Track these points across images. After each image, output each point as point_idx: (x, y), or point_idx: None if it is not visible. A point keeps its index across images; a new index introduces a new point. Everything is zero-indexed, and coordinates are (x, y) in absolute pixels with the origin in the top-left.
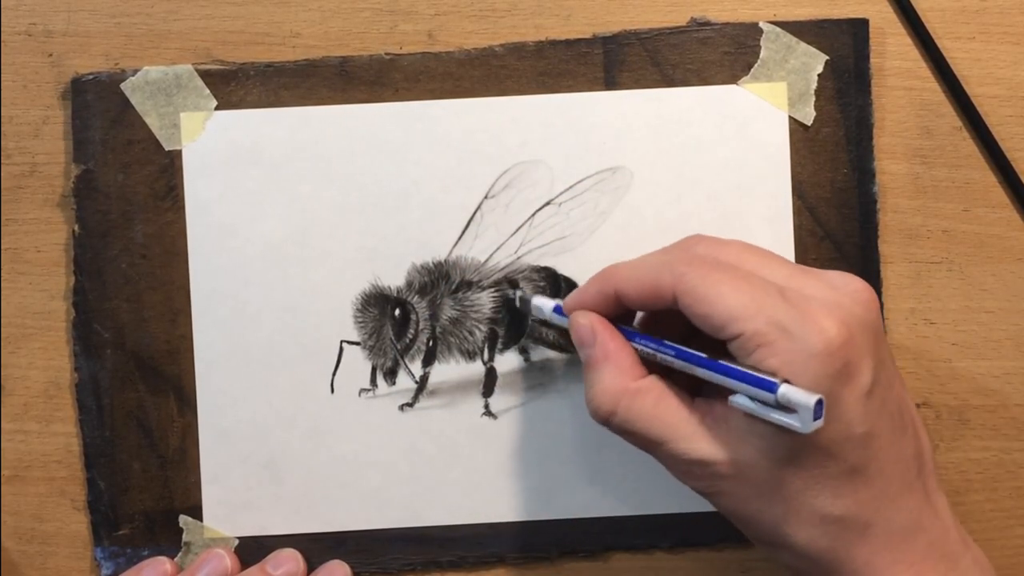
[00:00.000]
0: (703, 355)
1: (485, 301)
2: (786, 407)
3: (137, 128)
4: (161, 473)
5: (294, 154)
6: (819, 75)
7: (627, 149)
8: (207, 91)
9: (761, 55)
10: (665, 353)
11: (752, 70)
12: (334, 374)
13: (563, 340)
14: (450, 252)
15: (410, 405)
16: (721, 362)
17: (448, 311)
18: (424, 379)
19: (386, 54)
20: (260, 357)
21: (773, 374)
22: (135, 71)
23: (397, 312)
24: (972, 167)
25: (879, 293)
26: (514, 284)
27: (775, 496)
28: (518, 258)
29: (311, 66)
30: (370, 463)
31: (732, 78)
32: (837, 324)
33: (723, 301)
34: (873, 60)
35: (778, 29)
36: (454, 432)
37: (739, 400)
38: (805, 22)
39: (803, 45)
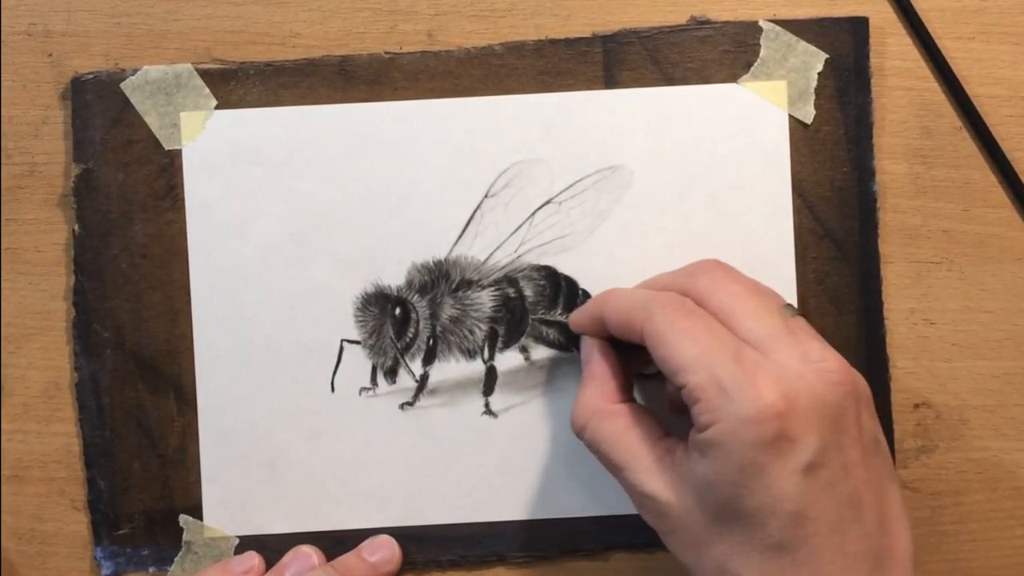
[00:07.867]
0: None
1: (485, 300)
2: None
3: (137, 128)
4: (161, 473)
5: (294, 153)
6: (819, 74)
7: (627, 148)
8: (207, 90)
9: (761, 54)
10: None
11: (752, 69)
12: (334, 373)
13: (564, 339)
14: (450, 251)
15: (410, 404)
16: None
17: (448, 310)
18: (424, 378)
19: (385, 53)
20: (260, 356)
21: (705, 428)
22: (135, 71)
23: (397, 311)
24: (972, 167)
25: (879, 293)
26: (514, 283)
27: (708, 552)
28: (518, 257)
29: (311, 65)
30: (370, 462)
31: (732, 77)
32: (778, 393)
33: (678, 349)
34: (873, 60)
35: (778, 28)
36: (454, 431)
37: None
38: (805, 21)
39: (803, 44)
